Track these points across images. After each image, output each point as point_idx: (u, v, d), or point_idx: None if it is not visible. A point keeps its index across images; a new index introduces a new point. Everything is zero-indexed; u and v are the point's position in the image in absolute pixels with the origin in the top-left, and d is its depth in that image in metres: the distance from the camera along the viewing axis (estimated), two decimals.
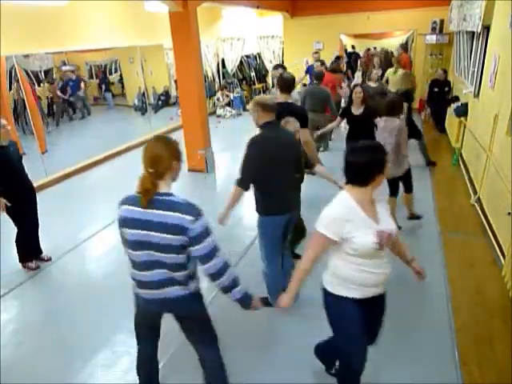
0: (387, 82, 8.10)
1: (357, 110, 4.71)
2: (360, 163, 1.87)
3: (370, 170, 1.86)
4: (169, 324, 3.17)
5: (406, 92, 6.82)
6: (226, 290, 1.92)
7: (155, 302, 2.03)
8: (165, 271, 1.89)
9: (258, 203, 2.96)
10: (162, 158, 1.80)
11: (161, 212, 1.78)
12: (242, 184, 2.83)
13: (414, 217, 4.43)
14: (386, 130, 3.97)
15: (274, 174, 2.81)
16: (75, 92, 11.10)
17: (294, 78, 3.91)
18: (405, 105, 4.55)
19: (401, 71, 8.10)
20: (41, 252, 4.16)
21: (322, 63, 7.95)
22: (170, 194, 1.84)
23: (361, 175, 1.88)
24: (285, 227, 2.97)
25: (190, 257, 1.87)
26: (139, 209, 1.82)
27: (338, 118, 4.99)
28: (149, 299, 2.04)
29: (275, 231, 2.94)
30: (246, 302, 2.00)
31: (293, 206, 3.06)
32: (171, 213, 1.77)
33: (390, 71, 8.27)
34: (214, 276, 1.87)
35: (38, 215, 4.05)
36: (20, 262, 4.01)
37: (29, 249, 4.04)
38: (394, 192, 4.16)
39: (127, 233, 1.90)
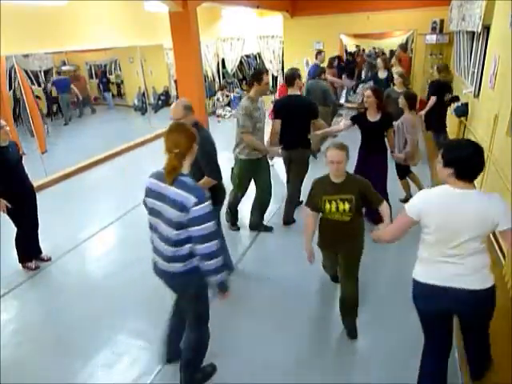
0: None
1: (373, 117, 4.15)
2: (482, 160, 1.90)
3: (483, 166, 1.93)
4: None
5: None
6: (209, 273, 2.12)
7: (160, 272, 2.26)
8: (169, 246, 2.11)
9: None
10: (183, 140, 2.06)
11: (175, 190, 2.03)
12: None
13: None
14: (406, 124, 4.34)
15: None
16: (63, 92, 11.04)
17: (294, 73, 4.43)
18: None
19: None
20: (40, 252, 4.16)
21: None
22: (187, 176, 2.10)
23: (478, 170, 1.90)
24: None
25: (191, 237, 2.07)
26: (161, 184, 2.09)
27: (348, 122, 4.38)
28: (157, 265, 2.28)
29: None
30: (220, 288, 2.23)
31: None
32: (182, 192, 2.01)
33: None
34: (204, 257, 2.06)
35: (38, 215, 4.05)
36: (20, 262, 4.01)
37: (28, 249, 4.04)
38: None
39: (149, 201, 2.18)
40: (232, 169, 4.29)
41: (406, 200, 4.87)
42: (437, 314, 2.15)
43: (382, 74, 7.19)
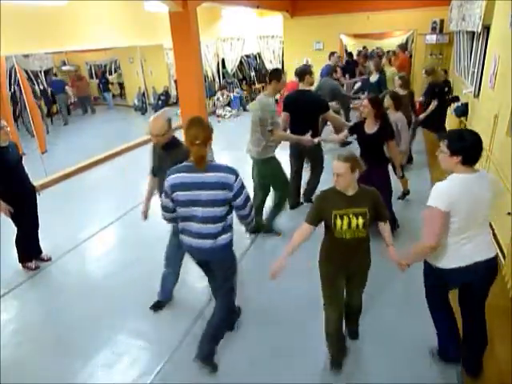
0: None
1: (371, 128, 3.81)
2: (482, 146, 2.14)
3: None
4: (168, 325, 3.19)
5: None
6: (247, 224, 2.64)
7: (200, 252, 2.49)
8: (212, 224, 2.38)
9: None
10: (202, 132, 2.28)
11: (211, 174, 2.30)
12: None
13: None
14: (401, 123, 4.34)
15: None
16: (59, 93, 11.08)
17: (305, 68, 4.63)
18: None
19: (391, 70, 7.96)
20: (41, 252, 4.16)
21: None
22: (212, 160, 2.41)
23: (480, 155, 2.14)
24: None
25: (228, 211, 2.40)
26: (192, 174, 2.32)
27: (346, 131, 4.18)
28: (193, 249, 2.52)
29: None
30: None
31: None
32: (220, 173, 2.31)
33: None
34: (244, 217, 2.51)
35: (38, 215, 4.05)
36: (20, 262, 4.02)
37: (29, 249, 4.05)
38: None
39: (180, 194, 2.34)
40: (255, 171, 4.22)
41: (403, 196, 4.99)
42: (453, 289, 2.45)
43: (374, 78, 7.02)
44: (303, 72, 4.52)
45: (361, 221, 2.30)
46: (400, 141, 4.36)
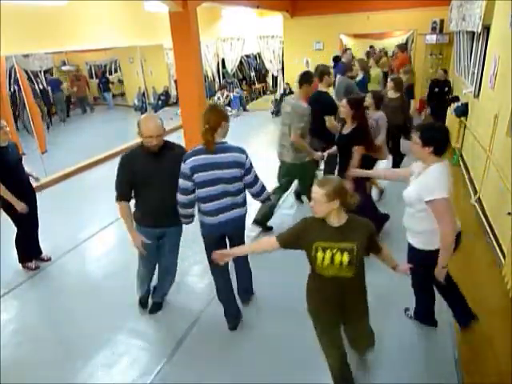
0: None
1: (346, 129, 3.71)
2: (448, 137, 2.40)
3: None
4: (168, 325, 3.19)
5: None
6: (262, 201, 3.02)
7: (222, 225, 2.77)
8: (231, 198, 2.73)
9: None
10: (213, 117, 2.61)
11: (224, 154, 2.62)
12: None
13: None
14: (382, 121, 4.33)
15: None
16: (56, 92, 11.10)
17: (325, 69, 4.51)
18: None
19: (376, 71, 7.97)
20: (41, 252, 4.16)
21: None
22: (225, 142, 2.70)
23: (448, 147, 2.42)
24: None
25: (243, 187, 2.78)
26: (207, 156, 2.61)
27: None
28: (215, 224, 2.77)
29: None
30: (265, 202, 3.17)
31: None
32: (231, 153, 2.64)
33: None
34: (257, 194, 2.88)
35: (38, 215, 4.05)
36: (20, 262, 4.02)
37: (29, 249, 4.04)
38: None
39: (200, 176, 2.61)
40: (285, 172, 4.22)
41: (379, 195, 5.06)
42: None
43: (359, 77, 7.05)
44: (323, 72, 4.44)
45: (345, 258, 1.96)
46: (378, 136, 4.29)
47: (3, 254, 4.23)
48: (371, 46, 13.94)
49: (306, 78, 3.96)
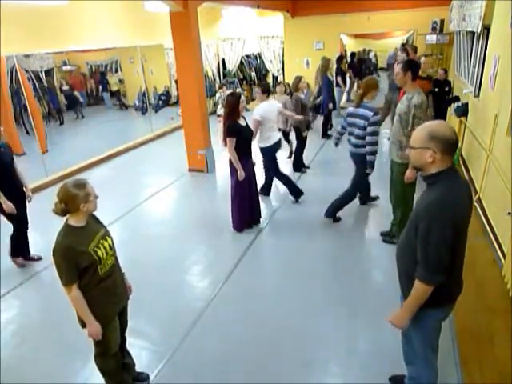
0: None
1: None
2: None
3: None
4: (169, 325, 3.19)
5: None
6: (370, 153, 4.03)
7: (352, 154, 4.25)
8: (357, 140, 4.09)
9: None
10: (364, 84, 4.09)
11: (362, 109, 3.99)
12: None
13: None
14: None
15: None
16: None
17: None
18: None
19: None
20: (29, 253, 4.16)
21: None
22: (365, 102, 4.03)
23: None
24: None
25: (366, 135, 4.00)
26: (354, 108, 4.09)
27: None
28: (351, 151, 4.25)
29: None
30: (370, 166, 4.14)
31: None
32: (365, 110, 3.95)
33: None
34: (370, 143, 3.97)
35: (38, 215, 4.05)
36: (10, 255, 4.03)
37: (17, 248, 4.05)
38: None
39: (349, 119, 4.14)
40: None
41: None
42: None
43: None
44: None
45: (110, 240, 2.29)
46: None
47: (3, 254, 4.22)
48: (403, 44, 13.72)
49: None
